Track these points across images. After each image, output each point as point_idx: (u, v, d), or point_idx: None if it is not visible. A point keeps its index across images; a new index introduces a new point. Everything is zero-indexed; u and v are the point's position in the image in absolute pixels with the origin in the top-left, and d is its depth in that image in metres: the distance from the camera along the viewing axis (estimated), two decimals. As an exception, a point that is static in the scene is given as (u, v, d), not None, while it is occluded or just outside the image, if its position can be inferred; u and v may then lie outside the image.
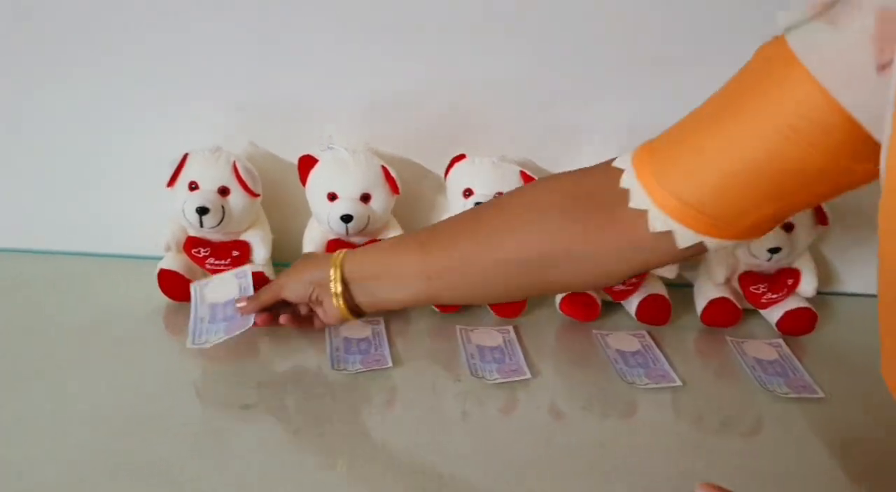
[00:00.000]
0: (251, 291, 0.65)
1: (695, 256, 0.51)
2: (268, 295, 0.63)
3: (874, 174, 0.48)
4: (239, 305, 0.63)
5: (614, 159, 0.51)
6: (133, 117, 0.76)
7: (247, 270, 0.67)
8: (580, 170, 0.55)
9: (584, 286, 0.68)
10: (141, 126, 0.76)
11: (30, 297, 0.74)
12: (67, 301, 0.74)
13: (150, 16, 0.71)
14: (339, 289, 0.59)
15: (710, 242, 0.48)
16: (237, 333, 0.62)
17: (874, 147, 0.38)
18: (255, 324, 0.63)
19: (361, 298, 0.60)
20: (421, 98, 0.75)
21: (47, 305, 0.73)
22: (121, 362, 0.64)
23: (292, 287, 0.61)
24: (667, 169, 0.47)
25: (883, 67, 0.36)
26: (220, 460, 0.53)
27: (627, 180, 0.49)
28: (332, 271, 0.59)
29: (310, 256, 0.64)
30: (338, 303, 0.60)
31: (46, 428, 0.55)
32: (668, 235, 0.47)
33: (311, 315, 0.65)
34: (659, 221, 0.47)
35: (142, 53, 0.73)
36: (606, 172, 0.51)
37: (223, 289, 0.67)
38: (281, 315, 0.63)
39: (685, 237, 0.47)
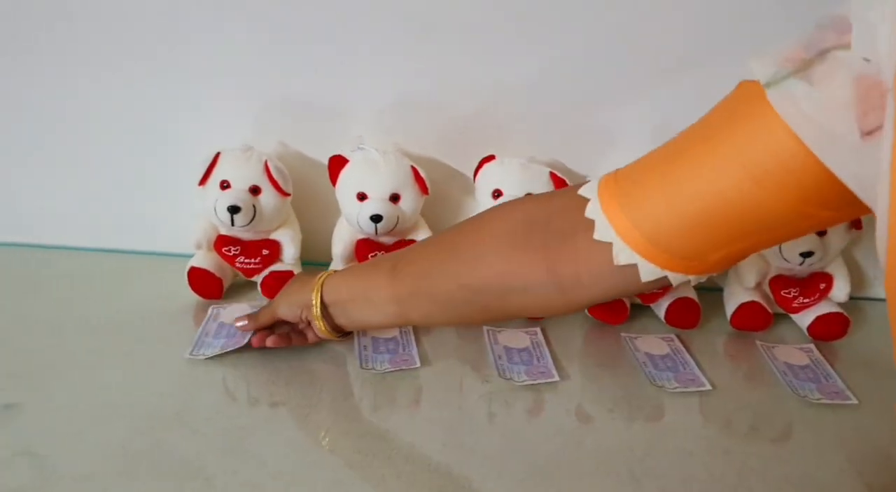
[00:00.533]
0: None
1: (659, 288, 0.51)
2: (266, 316, 0.64)
3: (839, 221, 0.48)
4: (239, 324, 0.65)
5: (580, 186, 0.51)
6: (166, 117, 0.77)
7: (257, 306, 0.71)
8: (545, 194, 0.55)
9: (546, 312, 0.66)
10: (174, 125, 0.77)
11: (60, 293, 0.76)
12: (98, 298, 0.75)
13: (184, 17, 0.72)
14: (319, 312, 0.61)
15: (675, 277, 0.47)
16: (231, 348, 0.65)
17: (843, 196, 0.38)
18: (250, 344, 0.64)
19: (341, 319, 0.62)
20: (451, 99, 0.75)
21: (77, 301, 0.74)
22: (149, 359, 0.64)
23: (284, 309, 0.63)
24: (633, 203, 0.46)
25: (868, 133, 0.35)
26: (247, 457, 0.53)
27: (592, 210, 0.48)
28: (313, 295, 0.60)
29: (300, 277, 0.65)
30: (320, 324, 0.61)
31: (74, 423, 0.56)
32: (632, 267, 0.47)
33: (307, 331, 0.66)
34: (623, 255, 0.47)
35: (175, 54, 0.74)
36: (571, 199, 0.50)
37: (236, 314, 0.70)
38: (269, 338, 0.64)
39: (649, 271, 0.47)
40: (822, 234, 0.70)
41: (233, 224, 0.70)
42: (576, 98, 0.74)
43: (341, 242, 0.73)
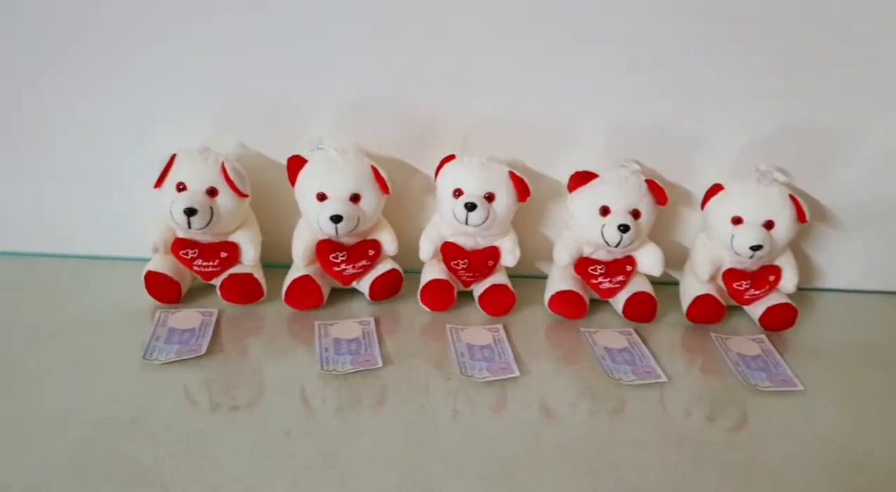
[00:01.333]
0: (212, 328, 0.69)
1: None
2: None
3: None
4: None
5: None
6: (122, 118, 0.75)
7: (213, 311, 0.72)
8: None
9: None
10: (130, 127, 0.75)
11: (11, 300, 0.74)
12: (51, 305, 0.73)
13: (141, 17, 0.70)
14: None
15: None
16: (187, 356, 0.65)
17: None
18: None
19: None
20: (412, 98, 0.75)
21: (28, 309, 0.72)
22: (104, 366, 0.63)
23: None
24: None
25: None
26: (205, 462, 0.53)
27: None
28: None
29: None
30: None
31: (21, 434, 0.55)
32: None
33: None
34: None
35: (131, 55, 0.72)
36: None
37: (187, 320, 0.70)
38: None
39: None
40: (769, 227, 0.72)
41: (189, 226, 0.69)
42: (535, 98, 0.75)
43: (302, 244, 0.73)
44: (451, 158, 0.73)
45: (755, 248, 0.71)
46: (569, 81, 0.74)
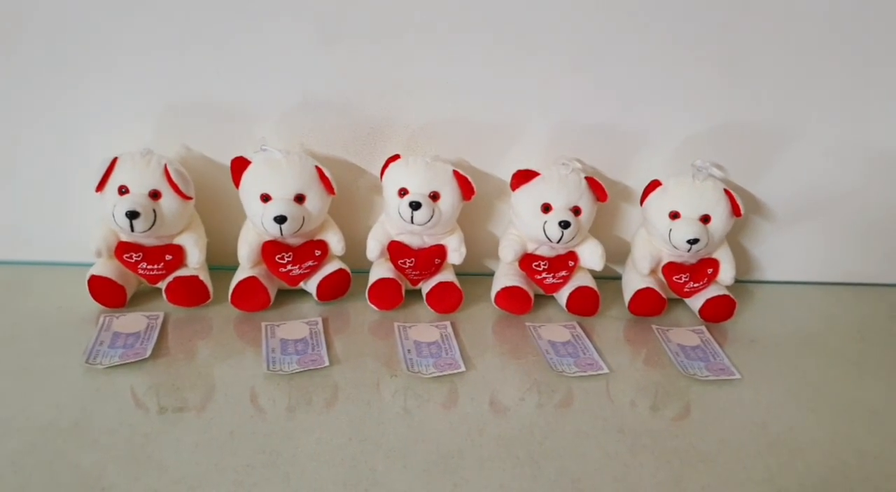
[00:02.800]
0: (157, 332, 0.69)
1: None
2: None
3: None
4: None
5: None
6: (63, 121, 0.74)
7: (159, 314, 0.72)
8: None
9: None
10: (72, 130, 0.74)
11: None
12: (-5, 310, 0.72)
13: (81, 15, 0.69)
14: None
15: None
16: (132, 360, 0.64)
17: None
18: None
19: None
20: (358, 99, 0.75)
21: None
22: (46, 372, 0.63)
23: None
24: None
25: None
26: (148, 465, 0.53)
27: None
28: None
29: None
30: None
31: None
32: None
33: None
34: None
35: (71, 55, 0.71)
36: None
37: (132, 324, 0.70)
38: None
39: None
40: (706, 221, 0.75)
41: (132, 230, 0.68)
42: (480, 97, 0.76)
43: (247, 245, 0.72)
44: (395, 157, 0.74)
45: (692, 241, 0.73)
46: (512, 81, 0.75)
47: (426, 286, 0.78)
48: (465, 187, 0.74)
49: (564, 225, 0.72)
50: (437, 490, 0.53)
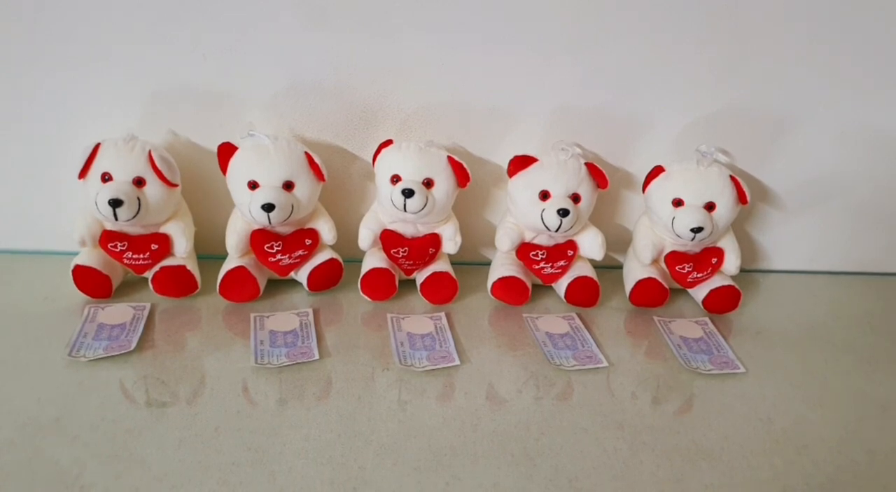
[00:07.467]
0: (143, 323, 0.67)
1: None
2: None
3: None
4: None
5: None
6: (47, 107, 0.72)
7: (146, 305, 0.70)
8: None
9: None
10: (56, 116, 0.72)
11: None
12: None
13: (62, 2, 0.67)
14: None
15: None
16: (116, 353, 0.63)
17: None
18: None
19: None
20: (348, 83, 0.73)
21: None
22: (28, 364, 0.61)
23: None
24: None
25: None
26: (130, 461, 0.51)
27: None
28: None
29: None
30: None
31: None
32: None
33: None
34: None
35: (55, 40, 0.69)
36: None
37: (117, 315, 0.68)
38: None
39: None
40: (710, 209, 0.72)
41: (116, 218, 0.66)
42: (475, 81, 0.74)
43: (235, 234, 0.70)
44: (388, 143, 0.72)
45: (696, 230, 0.71)
46: (509, 65, 0.73)
47: (420, 276, 0.75)
48: (461, 174, 0.71)
49: (563, 213, 0.69)
50: (428, 489, 0.51)
